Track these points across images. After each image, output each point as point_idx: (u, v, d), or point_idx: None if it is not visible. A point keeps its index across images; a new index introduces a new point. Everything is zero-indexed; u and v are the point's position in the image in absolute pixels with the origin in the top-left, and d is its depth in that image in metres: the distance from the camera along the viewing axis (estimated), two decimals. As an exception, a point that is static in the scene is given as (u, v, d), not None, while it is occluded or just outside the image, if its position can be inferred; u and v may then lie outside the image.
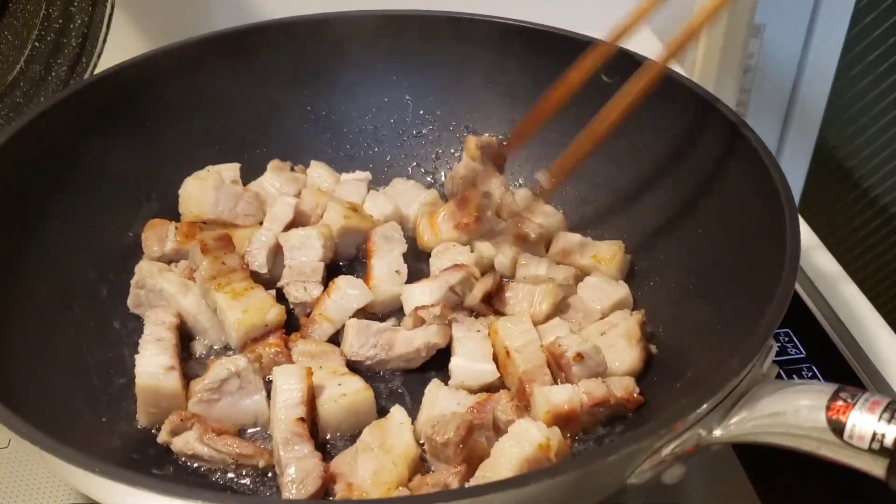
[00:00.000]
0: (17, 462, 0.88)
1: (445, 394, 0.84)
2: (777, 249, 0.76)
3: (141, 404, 0.85)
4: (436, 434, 0.76)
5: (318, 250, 1.00)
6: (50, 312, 0.90)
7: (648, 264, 1.02)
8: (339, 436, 0.85)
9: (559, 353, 0.87)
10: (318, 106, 1.19)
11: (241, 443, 0.81)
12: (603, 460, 0.61)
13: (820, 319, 1.08)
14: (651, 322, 0.95)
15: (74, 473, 0.62)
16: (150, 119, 1.08)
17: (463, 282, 0.96)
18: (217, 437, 0.80)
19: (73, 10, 1.17)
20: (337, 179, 1.15)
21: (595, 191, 1.11)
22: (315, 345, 0.91)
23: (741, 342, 0.70)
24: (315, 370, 0.86)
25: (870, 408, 0.60)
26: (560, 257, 1.03)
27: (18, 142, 0.92)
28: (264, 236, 1.01)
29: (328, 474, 0.77)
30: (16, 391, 0.76)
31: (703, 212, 0.95)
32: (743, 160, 0.87)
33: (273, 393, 0.84)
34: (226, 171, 1.09)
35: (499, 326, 0.91)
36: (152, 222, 1.03)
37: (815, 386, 0.64)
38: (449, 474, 0.73)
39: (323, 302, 0.95)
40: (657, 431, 0.63)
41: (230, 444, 0.80)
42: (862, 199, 1.61)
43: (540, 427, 0.77)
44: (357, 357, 0.91)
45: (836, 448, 0.61)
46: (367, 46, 1.18)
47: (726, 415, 0.66)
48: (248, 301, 0.93)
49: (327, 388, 0.85)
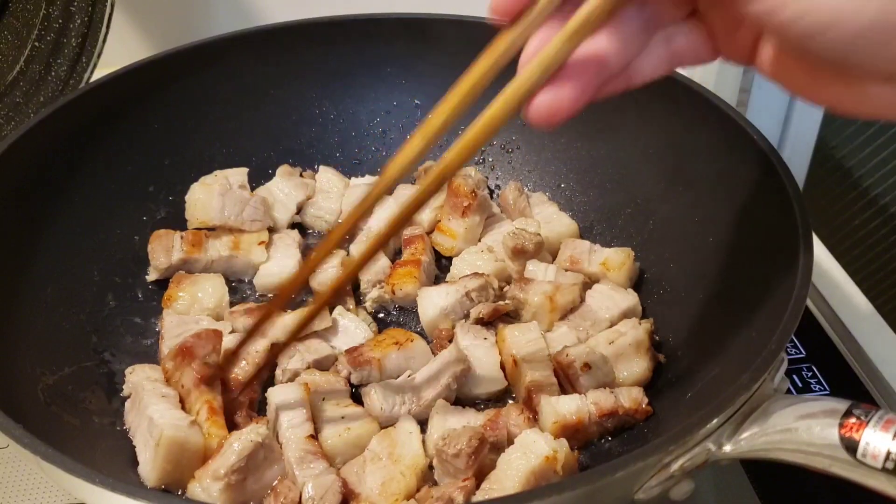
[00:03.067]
0: (17, 462, 0.88)
1: (453, 413, 0.83)
2: (790, 261, 0.75)
3: (160, 461, 0.76)
4: (447, 446, 0.75)
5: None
6: (55, 318, 0.90)
7: (658, 272, 1.01)
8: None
9: (567, 362, 0.86)
10: (327, 109, 1.19)
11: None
12: (611, 476, 0.60)
13: (820, 319, 1.08)
14: (660, 331, 0.95)
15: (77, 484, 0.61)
16: (158, 122, 1.08)
17: (480, 290, 0.95)
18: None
19: (73, 10, 1.17)
20: (346, 184, 1.15)
21: (604, 196, 1.10)
22: (320, 375, 0.88)
23: (751, 352, 0.69)
24: (318, 402, 0.84)
25: (884, 426, 0.58)
26: (568, 264, 1.02)
27: (24, 145, 0.92)
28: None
29: (347, 489, 0.76)
30: (18, 398, 0.75)
31: (714, 220, 0.94)
32: (756, 169, 0.86)
33: (272, 415, 0.82)
34: (233, 175, 1.08)
35: (506, 334, 0.90)
36: (157, 233, 1.02)
37: (827, 402, 0.63)
38: (455, 488, 0.72)
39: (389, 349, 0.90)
40: (666, 447, 0.62)
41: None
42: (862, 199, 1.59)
43: (547, 439, 0.76)
44: (392, 416, 0.85)
45: (848, 466, 0.59)
46: (376, 50, 1.17)
47: (737, 430, 0.65)
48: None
49: (331, 423, 0.82)
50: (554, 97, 0.57)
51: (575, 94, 0.57)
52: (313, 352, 0.91)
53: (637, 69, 0.62)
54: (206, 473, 0.74)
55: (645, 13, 0.60)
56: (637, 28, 0.60)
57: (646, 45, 0.61)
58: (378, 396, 0.85)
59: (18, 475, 0.87)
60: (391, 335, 0.92)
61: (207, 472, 0.74)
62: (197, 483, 0.75)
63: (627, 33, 0.59)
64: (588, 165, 1.12)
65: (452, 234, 1.07)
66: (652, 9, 0.60)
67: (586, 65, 0.57)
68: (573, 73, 0.57)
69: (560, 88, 0.57)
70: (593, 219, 1.11)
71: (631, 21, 0.59)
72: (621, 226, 1.07)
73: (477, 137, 0.59)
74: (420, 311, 0.97)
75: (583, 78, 0.57)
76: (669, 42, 0.62)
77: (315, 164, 1.18)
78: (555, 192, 1.15)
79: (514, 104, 0.57)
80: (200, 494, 0.74)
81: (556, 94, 0.57)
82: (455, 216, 1.07)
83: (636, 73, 0.62)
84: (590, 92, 0.58)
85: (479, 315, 0.93)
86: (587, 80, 0.57)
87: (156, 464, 0.76)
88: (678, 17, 0.62)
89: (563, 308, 0.95)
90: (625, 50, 0.59)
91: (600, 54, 0.58)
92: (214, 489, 0.73)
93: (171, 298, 0.97)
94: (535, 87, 0.57)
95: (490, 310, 0.93)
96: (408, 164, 0.64)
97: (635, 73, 0.62)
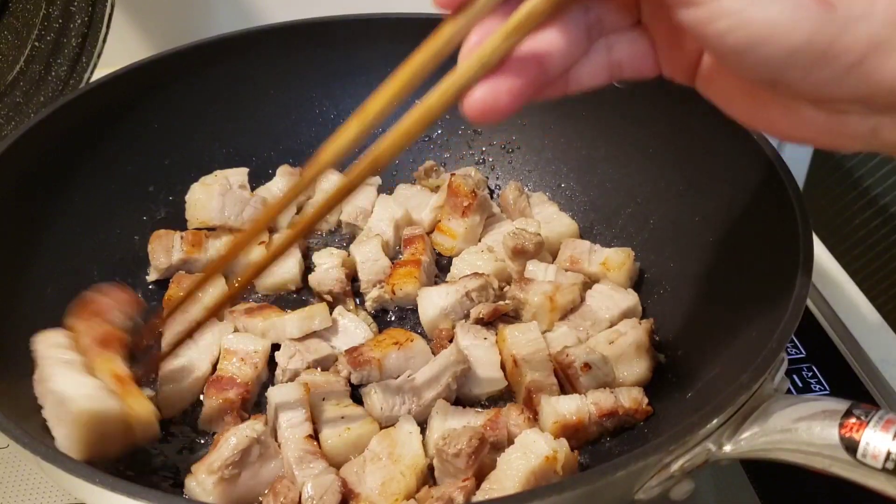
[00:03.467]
0: (17, 462, 0.88)
1: (453, 413, 0.83)
2: (790, 262, 0.75)
3: (82, 437, 0.68)
4: (447, 446, 0.75)
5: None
6: (55, 317, 0.90)
7: (658, 272, 1.01)
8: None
9: (567, 363, 0.86)
10: (327, 109, 1.19)
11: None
12: (611, 476, 0.60)
13: (820, 319, 1.08)
14: (660, 331, 0.95)
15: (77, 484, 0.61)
16: (158, 122, 1.08)
17: (480, 290, 0.96)
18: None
19: (73, 9, 1.17)
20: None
21: (604, 196, 1.10)
22: (320, 375, 0.88)
23: (751, 352, 0.69)
24: (317, 402, 0.84)
25: (884, 426, 0.58)
26: (568, 264, 1.02)
27: (24, 145, 0.92)
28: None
29: (347, 489, 0.76)
30: (19, 398, 0.75)
31: (714, 220, 0.94)
32: (756, 169, 0.86)
33: (272, 414, 0.82)
34: (233, 175, 1.08)
35: (507, 334, 0.90)
36: (157, 233, 1.02)
37: (827, 402, 0.63)
38: (455, 488, 0.72)
39: (389, 349, 0.90)
40: (666, 447, 0.62)
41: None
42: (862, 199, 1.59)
43: (547, 439, 0.76)
44: (392, 416, 0.85)
45: (848, 467, 0.59)
46: (376, 50, 1.17)
47: (737, 430, 0.65)
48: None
49: (331, 422, 0.82)
50: (490, 92, 0.56)
51: (513, 91, 0.56)
52: (313, 352, 0.91)
53: (575, 75, 0.61)
54: (201, 468, 0.75)
55: (589, 17, 0.60)
56: (580, 31, 0.59)
57: (587, 51, 0.61)
58: (378, 396, 0.85)
59: (18, 475, 0.87)
60: (391, 335, 0.92)
61: (203, 467, 0.75)
62: (192, 478, 0.75)
63: (570, 35, 0.58)
64: (588, 165, 1.12)
65: (452, 234, 1.07)
66: (596, 13, 0.60)
67: (526, 63, 0.57)
68: (512, 69, 0.56)
69: (497, 84, 0.56)
70: (593, 219, 1.11)
71: (574, 23, 0.59)
72: (621, 226, 1.07)
73: (413, 127, 0.60)
74: (420, 311, 0.97)
75: (521, 76, 0.57)
76: (610, 50, 0.62)
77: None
78: (555, 192, 1.15)
79: (451, 96, 0.57)
80: (196, 489, 0.74)
81: (493, 89, 0.56)
82: (455, 216, 1.07)
83: (573, 80, 0.61)
84: (528, 91, 0.57)
85: (479, 315, 0.93)
86: (526, 78, 0.57)
87: (79, 441, 0.69)
88: (622, 25, 0.62)
89: (563, 308, 0.95)
90: (566, 52, 0.58)
91: (540, 53, 0.57)
92: (209, 483, 0.74)
93: (171, 298, 0.97)
94: (473, 81, 0.56)
95: (490, 310, 0.93)
96: (342, 150, 0.63)
97: (573, 79, 0.61)
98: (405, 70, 0.59)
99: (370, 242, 1.04)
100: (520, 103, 0.57)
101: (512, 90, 0.56)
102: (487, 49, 0.55)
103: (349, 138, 0.62)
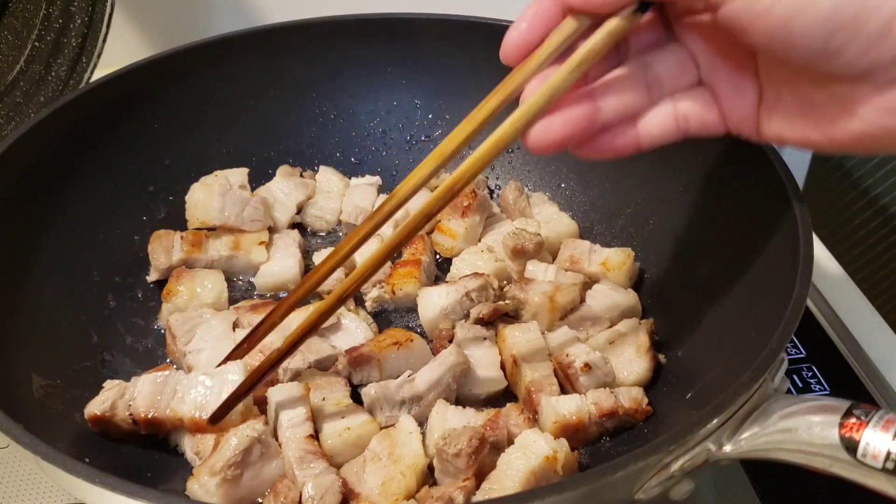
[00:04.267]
0: (17, 462, 0.88)
1: (453, 413, 0.83)
2: (790, 261, 0.75)
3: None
4: (447, 446, 0.74)
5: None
6: (55, 318, 0.90)
7: (658, 272, 1.01)
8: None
9: (567, 363, 0.86)
10: (327, 109, 1.19)
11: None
12: (611, 476, 0.60)
13: (820, 319, 1.08)
14: (660, 331, 0.95)
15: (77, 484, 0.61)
16: (158, 122, 1.08)
17: (480, 290, 0.95)
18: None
19: (73, 9, 1.17)
20: (347, 184, 1.15)
21: (604, 196, 1.10)
22: (319, 375, 0.88)
23: (751, 352, 0.69)
24: (318, 402, 0.84)
25: (884, 426, 0.58)
26: (568, 264, 1.02)
27: (24, 145, 0.92)
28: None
29: (347, 489, 0.76)
30: (18, 397, 0.75)
31: (714, 220, 0.94)
32: (757, 171, 0.86)
33: (272, 414, 0.82)
34: (233, 175, 1.08)
35: (507, 334, 0.90)
36: (157, 233, 1.02)
37: (827, 402, 0.63)
38: (455, 488, 0.72)
39: (389, 350, 0.90)
40: (666, 447, 0.62)
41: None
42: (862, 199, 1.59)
43: (547, 439, 0.76)
44: (392, 416, 0.85)
45: (848, 466, 0.59)
46: (376, 50, 1.17)
47: (737, 430, 0.65)
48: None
49: (331, 422, 0.82)
50: (546, 124, 0.65)
51: (563, 123, 0.65)
52: (313, 352, 0.91)
53: (645, 127, 0.69)
54: (203, 470, 0.75)
55: (648, 75, 0.68)
56: (637, 82, 0.68)
57: (646, 103, 0.68)
58: (378, 396, 0.85)
59: (18, 475, 0.87)
60: (391, 335, 0.92)
61: (204, 469, 0.75)
62: (195, 481, 0.75)
63: (624, 84, 0.67)
64: (588, 165, 1.12)
65: (452, 234, 1.07)
66: (655, 71, 0.68)
67: (578, 99, 0.66)
68: (565, 105, 0.65)
69: (552, 117, 0.65)
70: (593, 219, 1.11)
71: (632, 76, 0.67)
72: (621, 226, 1.07)
73: (487, 154, 0.68)
74: (420, 311, 0.97)
75: (573, 111, 0.65)
76: (676, 104, 0.69)
77: (315, 164, 1.18)
78: (555, 192, 1.15)
79: (521, 126, 0.66)
80: (198, 491, 0.74)
81: (548, 121, 0.65)
82: (455, 216, 1.07)
83: (644, 131, 0.69)
84: (576, 126, 0.66)
85: (479, 315, 0.93)
86: (577, 114, 0.65)
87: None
88: (682, 85, 0.69)
89: (563, 308, 0.94)
90: (619, 99, 0.67)
91: (592, 94, 0.66)
92: (211, 484, 0.74)
93: (170, 293, 0.97)
94: (540, 113, 0.65)
95: (490, 310, 0.93)
96: (418, 185, 0.71)
97: (643, 130, 0.69)
98: (478, 114, 0.69)
99: (370, 242, 1.04)
100: (568, 135, 0.66)
101: (562, 122, 0.65)
102: (554, 82, 0.64)
103: (425, 174, 0.71)
